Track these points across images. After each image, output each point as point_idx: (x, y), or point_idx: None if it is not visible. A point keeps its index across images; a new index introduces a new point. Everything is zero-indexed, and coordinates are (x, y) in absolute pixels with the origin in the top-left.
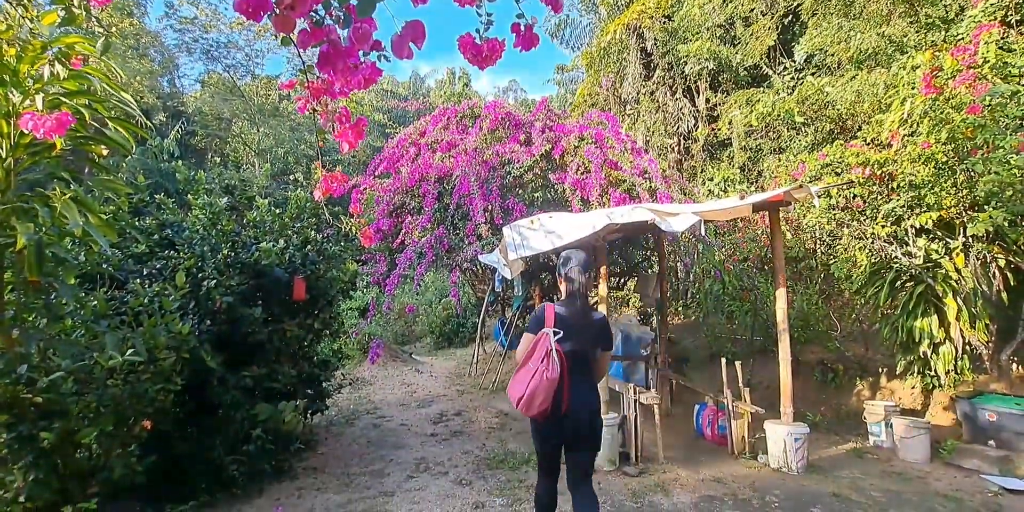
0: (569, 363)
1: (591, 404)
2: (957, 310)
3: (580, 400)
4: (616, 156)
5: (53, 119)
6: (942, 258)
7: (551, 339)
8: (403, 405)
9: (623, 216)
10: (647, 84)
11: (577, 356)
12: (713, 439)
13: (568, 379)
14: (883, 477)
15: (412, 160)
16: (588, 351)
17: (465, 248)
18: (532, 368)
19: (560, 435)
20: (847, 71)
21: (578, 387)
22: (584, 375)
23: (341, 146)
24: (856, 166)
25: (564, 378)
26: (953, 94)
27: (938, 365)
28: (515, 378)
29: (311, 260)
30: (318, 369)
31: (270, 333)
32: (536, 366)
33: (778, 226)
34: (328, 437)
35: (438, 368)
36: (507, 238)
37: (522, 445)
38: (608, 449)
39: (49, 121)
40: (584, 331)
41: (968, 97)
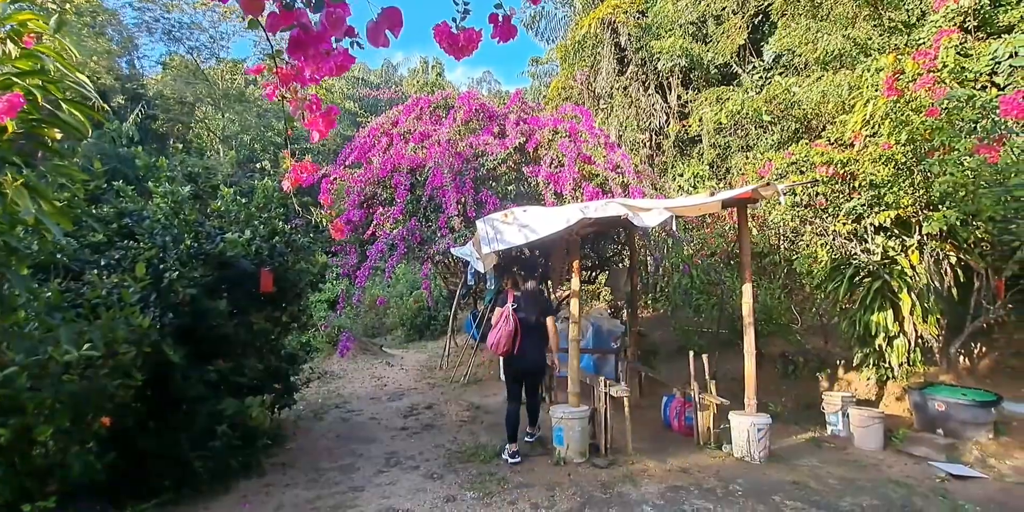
0: (522, 325)
1: (536, 351)
2: (911, 305)
3: (528, 348)
4: (590, 150)
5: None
6: (898, 255)
7: (510, 309)
8: (373, 399)
9: (597, 211)
10: (620, 79)
11: (528, 321)
12: (680, 430)
13: (521, 334)
14: (839, 465)
15: (384, 150)
16: (535, 317)
17: (437, 240)
18: (498, 326)
19: (516, 368)
20: (813, 72)
21: (528, 340)
22: (532, 332)
23: (311, 135)
24: (820, 165)
25: (518, 333)
26: (913, 97)
27: (892, 357)
28: (491, 333)
29: (279, 252)
30: (286, 363)
31: (236, 326)
32: (500, 325)
33: (745, 222)
34: (296, 432)
35: (409, 361)
36: (480, 232)
37: (493, 438)
38: (578, 442)
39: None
40: (531, 306)
41: (927, 100)
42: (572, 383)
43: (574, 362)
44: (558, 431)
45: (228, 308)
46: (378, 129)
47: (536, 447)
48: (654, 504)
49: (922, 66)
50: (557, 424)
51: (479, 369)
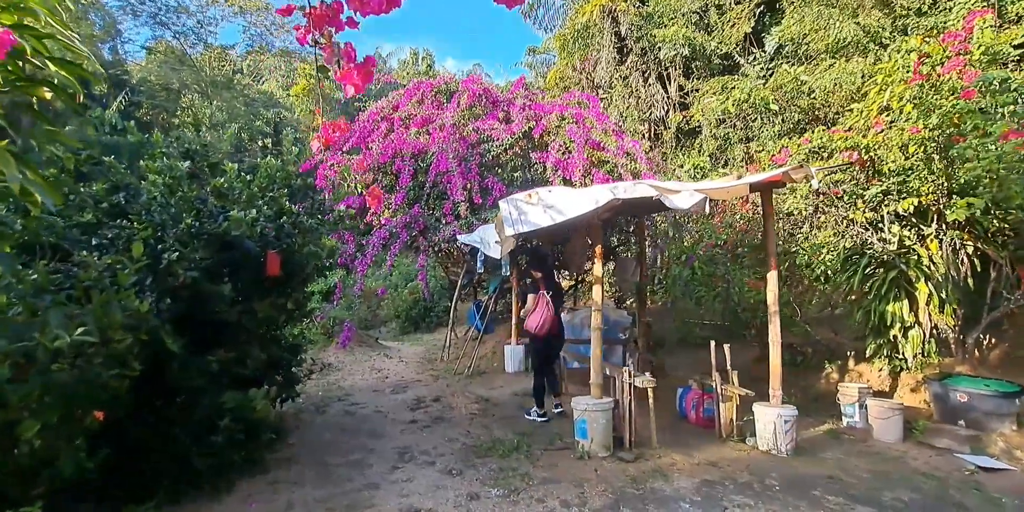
0: (554, 309)
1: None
2: (928, 295)
3: (559, 329)
4: (599, 136)
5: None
6: (914, 245)
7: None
8: (376, 391)
9: (626, 191)
10: (620, 69)
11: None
12: (698, 422)
13: (554, 317)
14: (865, 457)
15: (384, 136)
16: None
17: (442, 228)
18: (540, 311)
19: (550, 346)
20: (822, 60)
21: (558, 321)
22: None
23: (345, 89)
24: (844, 150)
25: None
26: (942, 80)
27: (907, 348)
28: (530, 318)
29: (287, 233)
30: (288, 353)
31: (239, 313)
32: (542, 309)
33: (771, 208)
34: (298, 426)
35: (407, 353)
36: (503, 212)
37: (508, 431)
38: (603, 435)
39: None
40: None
41: (960, 83)
42: (595, 374)
43: (597, 351)
44: (581, 424)
45: (231, 293)
46: (377, 114)
47: (555, 440)
48: (691, 500)
49: (951, 48)
50: (581, 416)
51: (481, 361)
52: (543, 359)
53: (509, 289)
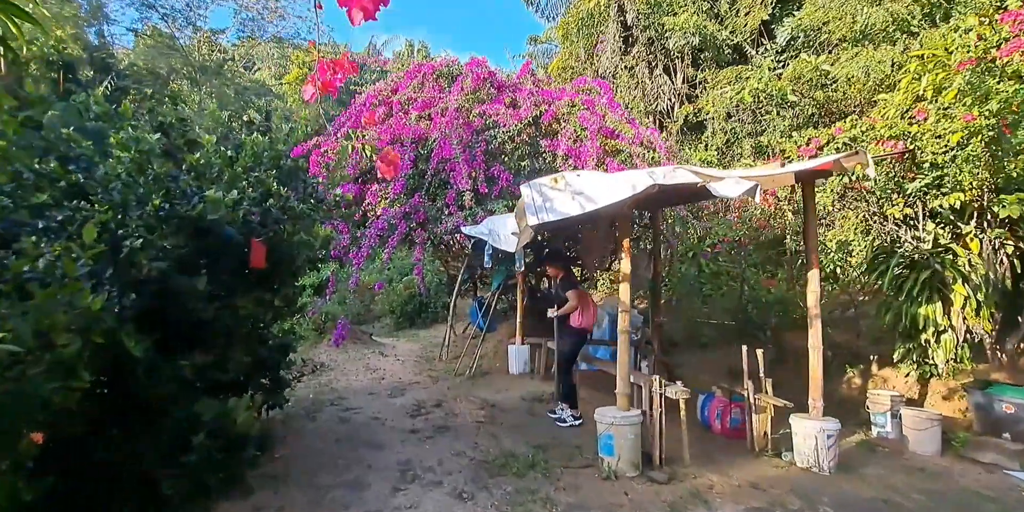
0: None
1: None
2: (964, 298)
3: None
4: (613, 124)
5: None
6: (950, 243)
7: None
8: (372, 394)
9: (666, 177)
10: (626, 58)
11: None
12: (724, 433)
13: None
14: (909, 474)
15: (382, 120)
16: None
17: (444, 219)
18: (589, 308)
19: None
20: (844, 50)
21: None
22: None
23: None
24: (886, 140)
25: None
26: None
27: (938, 354)
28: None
29: (274, 218)
30: (276, 354)
31: (218, 310)
32: (590, 307)
33: (813, 200)
34: (287, 435)
35: (403, 351)
36: (525, 199)
37: (520, 443)
38: (631, 451)
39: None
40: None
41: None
42: (622, 382)
43: (624, 357)
44: (607, 439)
45: (208, 288)
46: (375, 97)
47: (574, 455)
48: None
49: (1011, 28)
50: (606, 431)
51: (483, 361)
52: (574, 359)
53: (514, 285)
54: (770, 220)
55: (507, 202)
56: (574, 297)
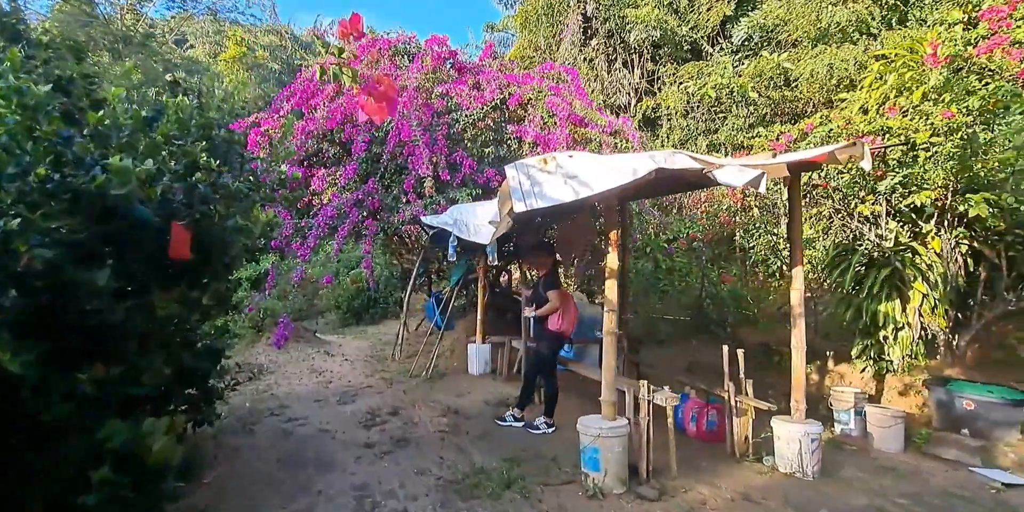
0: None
1: None
2: (923, 295)
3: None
4: (582, 111)
5: None
6: (911, 242)
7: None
8: (319, 401)
9: (666, 161)
10: (585, 50)
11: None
12: (700, 436)
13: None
14: (883, 475)
15: (331, 99)
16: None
17: (401, 208)
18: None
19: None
20: (804, 49)
21: None
22: None
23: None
24: (867, 135)
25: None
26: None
27: (894, 350)
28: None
29: (202, 197)
30: (205, 361)
31: (129, 311)
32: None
33: (799, 193)
34: (220, 454)
35: (351, 349)
36: (511, 182)
37: (491, 456)
38: (618, 465)
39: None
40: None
41: (1009, 62)
42: (607, 389)
43: (611, 361)
44: (592, 452)
45: (114, 283)
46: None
47: (552, 469)
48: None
49: (991, 25)
50: (592, 444)
51: (440, 361)
52: (554, 363)
53: (474, 280)
54: (736, 216)
55: (470, 191)
56: (556, 298)
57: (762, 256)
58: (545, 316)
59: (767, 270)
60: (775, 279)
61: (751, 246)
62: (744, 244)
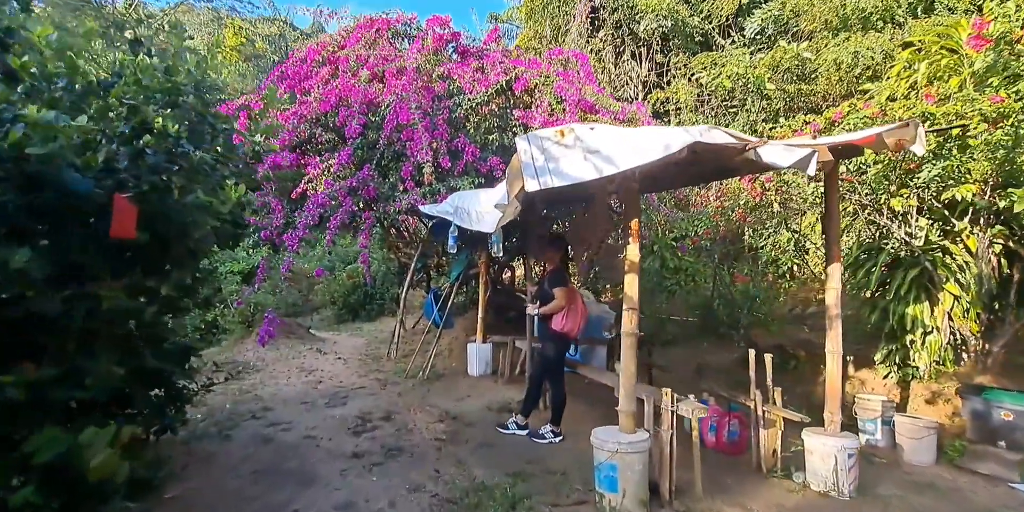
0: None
1: None
2: (954, 298)
3: None
4: (593, 97)
5: None
6: (943, 241)
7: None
8: (306, 403)
9: (702, 135)
10: (592, 42)
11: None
12: (720, 447)
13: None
14: (922, 492)
15: (325, 82)
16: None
17: (398, 197)
18: (577, 310)
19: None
20: (824, 38)
21: None
22: None
23: None
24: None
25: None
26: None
27: (922, 355)
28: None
29: (154, 166)
30: (171, 362)
31: (68, 302)
32: (579, 308)
33: (836, 181)
34: (191, 463)
35: (345, 347)
36: (522, 156)
37: (493, 469)
38: (638, 485)
39: None
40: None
41: None
42: (625, 398)
43: (630, 366)
44: (609, 470)
45: (47, 267)
46: (318, 53)
47: (562, 487)
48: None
49: None
50: (608, 460)
51: (438, 360)
52: (560, 366)
53: (475, 276)
54: (752, 212)
55: (472, 179)
56: (562, 296)
57: (772, 256)
58: (549, 315)
59: (777, 271)
60: (785, 280)
61: (761, 245)
62: (754, 243)
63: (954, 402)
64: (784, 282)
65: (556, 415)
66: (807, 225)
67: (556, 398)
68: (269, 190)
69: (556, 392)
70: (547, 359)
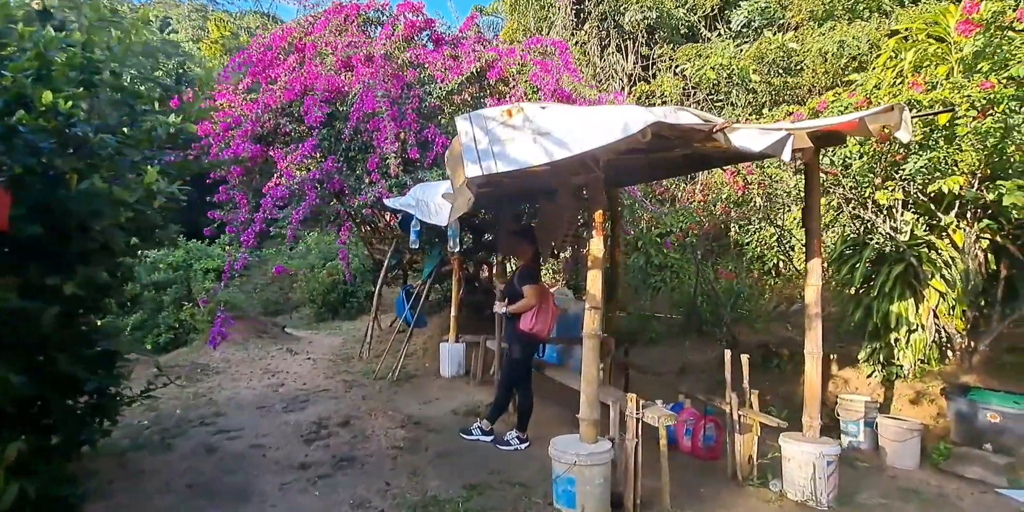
0: None
1: None
2: (940, 295)
3: None
4: (571, 86)
5: None
6: (929, 236)
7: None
8: (262, 408)
9: (667, 116)
10: (577, 34)
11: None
12: (695, 452)
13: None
14: (907, 499)
15: (292, 70)
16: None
17: (364, 190)
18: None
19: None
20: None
21: None
22: None
23: None
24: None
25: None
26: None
27: (906, 354)
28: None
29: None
30: (90, 370)
31: None
32: (551, 307)
33: (817, 171)
34: (118, 477)
35: (320, 346)
36: (463, 139)
37: (451, 482)
38: (599, 500)
39: None
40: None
41: None
42: (587, 405)
43: (592, 369)
44: (566, 484)
45: None
46: (283, 39)
47: (521, 500)
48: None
49: None
50: (566, 473)
51: (409, 361)
52: (528, 369)
53: (448, 272)
54: (735, 206)
55: (442, 171)
56: (533, 294)
57: (758, 252)
58: (517, 314)
59: (762, 267)
60: (770, 276)
61: (747, 242)
62: (740, 239)
63: (939, 402)
64: (769, 279)
65: (522, 421)
66: (791, 220)
67: (523, 403)
68: (235, 184)
69: (522, 397)
70: (515, 361)
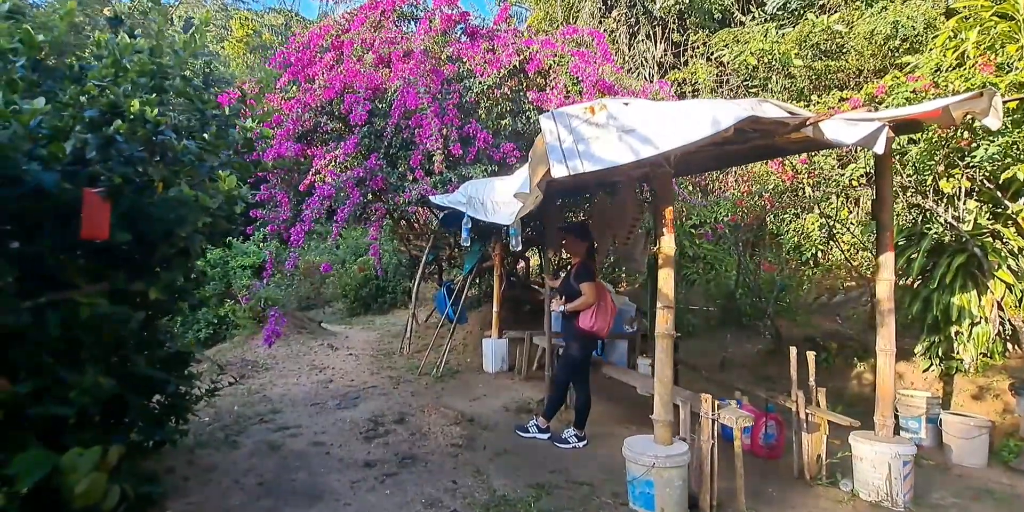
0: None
1: None
2: (1006, 286)
3: None
4: (612, 77)
5: None
6: (994, 224)
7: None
8: (316, 405)
9: (753, 110)
10: (605, 22)
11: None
12: (755, 451)
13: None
14: (982, 499)
15: (330, 68)
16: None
17: (408, 187)
18: (606, 307)
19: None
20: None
21: None
22: None
23: None
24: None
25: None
26: None
27: (968, 347)
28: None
29: (125, 156)
30: (167, 370)
31: (38, 312)
32: (609, 305)
33: (890, 161)
34: (191, 475)
35: (357, 341)
36: (547, 137)
37: (515, 482)
38: (677, 503)
39: None
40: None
41: None
42: (661, 406)
43: (666, 370)
44: (645, 486)
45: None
46: (321, 37)
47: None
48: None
49: None
50: (643, 475)
51: (452, 356)
52: (587, 367)
53: (489, 269)
54: (782, 197)
55: (485, 167)
56: (591, 291)
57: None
58: (576, 312)
59: (800, 258)
60: (808, 267)
61: (784, 231)
62: (776, 230)
63: (1004, 398)
64: (807, 269)
65: (580, 419)
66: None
67: (581, 400)
68: (276, 182)
69: (580, 394)
70: (573, 360)
